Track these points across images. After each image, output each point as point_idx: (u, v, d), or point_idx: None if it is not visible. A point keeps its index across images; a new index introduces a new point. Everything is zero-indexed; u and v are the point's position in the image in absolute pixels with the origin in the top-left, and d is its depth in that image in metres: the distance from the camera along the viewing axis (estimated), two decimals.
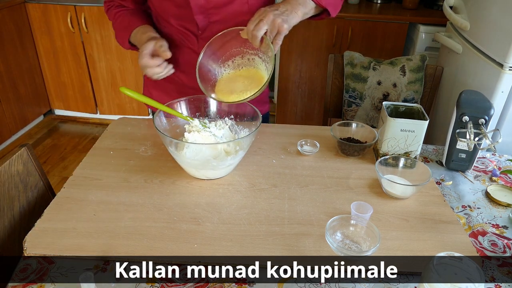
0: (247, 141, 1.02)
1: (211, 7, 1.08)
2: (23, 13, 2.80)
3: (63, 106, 3.19)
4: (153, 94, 1.32)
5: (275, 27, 0.94)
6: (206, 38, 1.12)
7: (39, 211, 0.93)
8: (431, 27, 2.39)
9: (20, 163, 1.07)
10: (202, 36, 1.14)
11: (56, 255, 0.81)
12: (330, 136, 1.21)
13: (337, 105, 1.90)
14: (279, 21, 0.93)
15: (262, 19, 0.93)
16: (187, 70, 1.20)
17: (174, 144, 1.02)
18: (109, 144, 1.17)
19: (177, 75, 1.20)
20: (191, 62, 1.19)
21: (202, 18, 1.10)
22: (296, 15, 0.97)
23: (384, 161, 1.05)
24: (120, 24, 1.18)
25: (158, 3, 1.14)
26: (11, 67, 2.75)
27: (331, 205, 0.96)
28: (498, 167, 1.17)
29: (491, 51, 1.50)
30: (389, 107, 1.13)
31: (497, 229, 0.94)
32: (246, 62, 1.08)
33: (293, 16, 0.96)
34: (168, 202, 0.96)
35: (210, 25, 1.12)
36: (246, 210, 0.94)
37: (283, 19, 0.94)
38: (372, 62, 1.78)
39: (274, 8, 0.96)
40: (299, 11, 0.98)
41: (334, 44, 2.58)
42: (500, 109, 1.48)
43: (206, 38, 1.13)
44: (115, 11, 1.20)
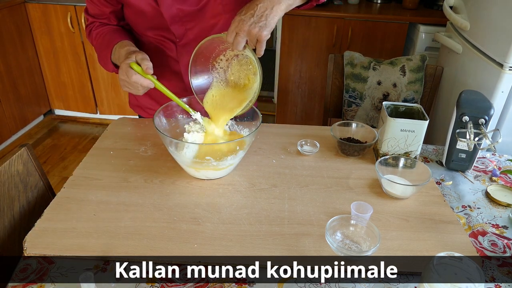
0: (247, 141, 1.02)
1: (185, 15, 1.08)
2: (23, 13, 2.80)
3: (63, 106, 3.19)
4: (139, 100, 1.33)
5: (253, 38, 0.89)
6: (185, 45, 1.14)
7: (39, 211, 0.93)
8: (431, 27, 2.39)
9: (20, 163, 1.07)
10: (181, 43, 1.14)
11: (56, 255, 0.81)
12: (330, 136, 1.21)
13: (337, 105, 1.90)
14: (256, 30, 0.88)
15: (238, 33, 0.89)
16: (169, 77, 1.21)
17: (174, 144, 1.02)
18: (109, 144, 1.17)
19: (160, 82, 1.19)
20: (173, 69, 1.20)
21: (178, 26, 1.10)
22: (276, 13, 0.90)
23: (384, 161, 1.05)
24: (101, 44, 1.15)
25: (133, 17, 1.14)
26: (11, 67, 2.75)
27: (331, 205, 0.96)
28: (498, 167, 1.17)
29: (491, 51, 1.50)
30: (389, 107, 1.13)
31: (497, 229, 0.94)
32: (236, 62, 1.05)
33: (273, 16, 0.89)
34: (168, 202, 0.96)
35: (187, 32, 1.12)
36: (246, 210, 0.94)
37: (260, 27, 0.88)
38: (372, 62, 1.78)
39: (250, 14, 0.88)
40: (281, 5, 0.90)
41: (334, 44, 2.58)
42: (500, 109, 1.48)
43: (184, 45, 1.14)
44: (96, 32, 1.17)
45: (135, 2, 1.08)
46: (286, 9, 0.93)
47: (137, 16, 1.13)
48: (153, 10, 1.07)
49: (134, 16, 1.14)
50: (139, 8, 1.09)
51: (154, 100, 1.30)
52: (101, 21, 1.17)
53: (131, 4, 1.10)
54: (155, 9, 1.07)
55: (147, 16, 1.10)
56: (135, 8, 1.10)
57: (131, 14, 1.14)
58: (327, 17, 2.51)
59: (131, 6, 1.10)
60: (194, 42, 1.13)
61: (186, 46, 1.14)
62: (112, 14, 1.16)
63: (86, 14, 1.19)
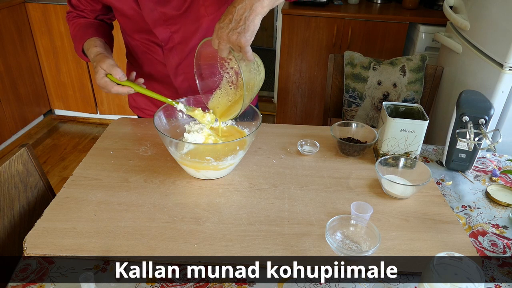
0: (247, 141, 1.02)
1: (168, 19, 1.07)
2: (23, 13, 2.81)
3: (63, 106, 3.19)
4: (137, 100, 1.34)
5: (234, 45, 0.85)
6: (171, 49, 1.13)
7: (39, 211, 0.94)
8: (431, 27, 2.39)
9: (20, 163, 1.07)
10: (167, 47, 1.14)
11: (56, 255, 0.81)
12: (330, 136, 1.21)
13: (337, 105, 1.90)
14: (234, 38, 0.83)
15: (220, 41, 0.86)
16: (160, 79, 1.22)
17: (174, 144, 1.02)
18: (109, 144, 1.17)
19: (151, 85, 1.20)
20: (162, 71, 1.20)
21: (162, 30, 1.09)
22: (257, 13, 0.83)
23: (384, 161, 1.05)
24: (75, 36, 1.16)
25: (119, 19, 1.15)
26: (11, 67, 2.75)
27: (331, 205, 0.96)
28: (498, 167, 1.17)
29: (491, 51, 1.50)
30: (389, 107, 1.13)
31: (497, 229, 0.94)
32: None
33: (253, 17, 0.83)
34: (168, 202, 0.96)
35: (172, 35, 1.11)
36: (246, 210, 0.94)
37: (238, 33, 0.83)
38: (372, 62, 1.78)
39: (228, 20, 0.84)
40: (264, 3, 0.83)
41: (334, 44, 2.58)
42: (500, 109, 1.48)
43: (171, 49, 1.14)
44: (72, 22, 1.19)
45: (118, 5, 1.08)
46: (270, 5, 0.85)
47: (123, 19, 1.13)
48: (135, 13, 1.07)
49: (119, 18, 1.14)
50: (122, 12, 1.09)
51: (149, 100, 1.30)
52: (78, 13, 1.19)
53: (114, 7, 1.10)
54: (138, 13, 1.06)
55: (131, 19, 1.10)
56: (119, 11, 1.10)
57: (117, 16, 1.15)
58: (327, 17, 2.51)
59: (115, 9, 1.11)
60: (180, 45, 1.13)
61: (173, 50, 1.14)
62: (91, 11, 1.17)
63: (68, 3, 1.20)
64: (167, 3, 1.04)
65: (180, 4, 1.05)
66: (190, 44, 1.13)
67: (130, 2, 1.05)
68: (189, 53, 1.14)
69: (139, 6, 1.05)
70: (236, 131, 1.14)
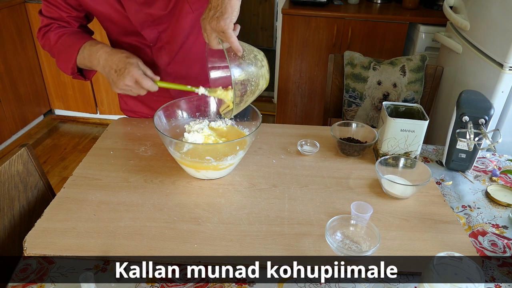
0: (247, 141, 1.02)
1: (154, 19, 1.07)
2: (23, 13, 2.81)
3: (63, 106, 3.19)
4: (128, 103, 1.33)
5: (218, 32, 0.84)
6: (160, 48, 1.13)
7: (39, 211, 0.94)
8: (431, 27, 2.39)
9: (20, 163, 1.07)
10: (156, 47, 1.14)
11: (56, 255, 0.81)
12: (330, 136, 1.21)
13: (337, 105, 1.90)
14: (214, 24, 0.83)
15: (206, 33, 0.86)
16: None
17: (174, 144, 1.02)
18: (109, 144, 1.17)
19: None
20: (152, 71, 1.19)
21: (150, 31, 1.09)
22: None
23: (384, 161, 1.05)
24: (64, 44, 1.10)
25: (104, 24, 1.13)
26: (11, 67, 2.75)
27: (331, 205, 0.96)
28: (498, 167, 1.17)
29: (491, 51, 1.50)
30: (389, 107, 1.13)
31: (497, 229, 0.94)
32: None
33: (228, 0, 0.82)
34: (168, 202, 0.96)
35: (160, 35, 1.11)
36: (246, 210, 0.94)
37: (217, 17, 0.82)
38: (372, 62, 1.78)
39: (208, 9, 0.85)
40: None
41: (334, 44, 2.58)
42: (500, 109, 1.48)
43: (160, 48, 1.13)
44: (55, 32, 1.11)
45: (102, 10, 1.06)
46: None
47: (107, 23, 1.12)
48: (120, 16, 1.06)
49: (105, 24, 1.13)
50: (108, 17, 1.08)
51: (141, 102, 1.30)
52: (59, 23, 1.12)
53: (98, 13, 1.08)
54: (123, 16, 1.06)
55: (116, 23, 1.09)
56: (104, 17, 1.09)
57: (102, 22, 1.13)
58: (327, 17, 2.51)
59: (98, 15, 1.09)
60: (168, 45, 1.13)
61: (161, 50, 1.14)
62: (72, 18, 1.12)
63: (41, 16, 1.13)
64: (152, 3, 1.04)
65: (166, 4, 1.05)
66: (179, 42, 1.13)
67: (115, 6, 1.04)
68: (178, 51, 1.15)
69: (124, 9, 1.04)
70: (236, 131, 1.14)
